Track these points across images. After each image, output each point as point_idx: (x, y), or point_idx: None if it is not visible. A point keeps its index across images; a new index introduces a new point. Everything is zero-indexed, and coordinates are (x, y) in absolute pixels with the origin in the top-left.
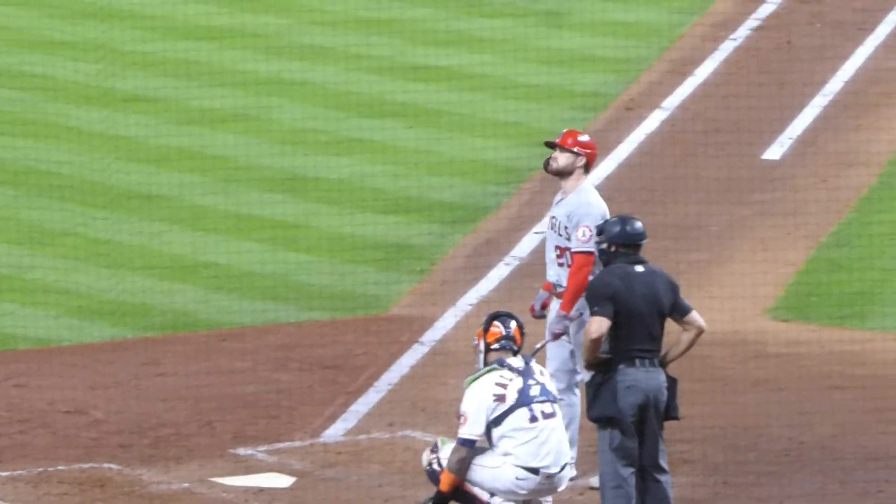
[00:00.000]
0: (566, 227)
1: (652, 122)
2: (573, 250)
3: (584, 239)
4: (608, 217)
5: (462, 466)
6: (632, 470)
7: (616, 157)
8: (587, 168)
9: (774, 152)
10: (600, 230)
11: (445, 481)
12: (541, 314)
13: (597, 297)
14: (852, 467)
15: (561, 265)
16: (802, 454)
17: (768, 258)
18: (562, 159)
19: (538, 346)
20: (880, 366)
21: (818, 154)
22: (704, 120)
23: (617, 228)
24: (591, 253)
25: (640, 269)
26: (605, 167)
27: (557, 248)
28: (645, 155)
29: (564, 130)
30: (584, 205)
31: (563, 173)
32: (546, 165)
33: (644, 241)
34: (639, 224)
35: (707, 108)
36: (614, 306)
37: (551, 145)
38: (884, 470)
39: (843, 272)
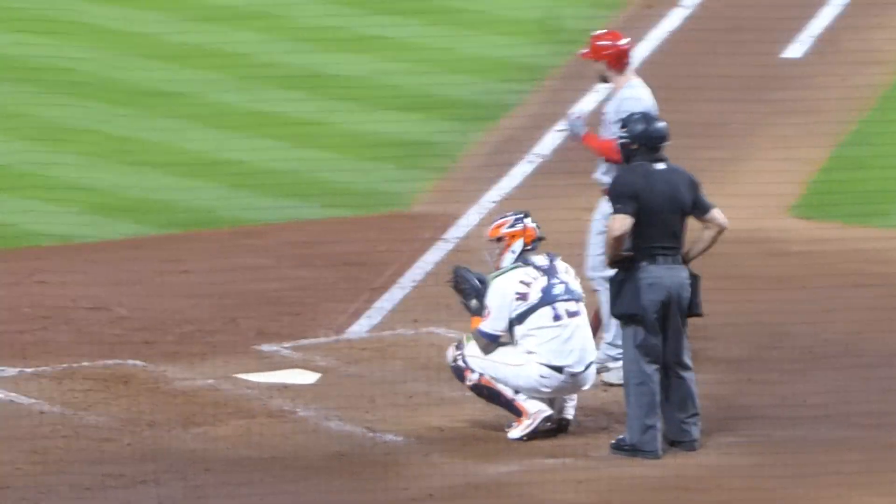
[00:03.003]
0: (612, 123)
1: (672, 20)
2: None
3: None
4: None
5: (485, 353)
6: (655, 367)
7: (637, 55)
8: (620, 63)
9: (795, 51)
10: (623, 124)
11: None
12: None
13: (619, 195)
14: (874, 364)
15: (609, 161)
16: (825, 351)
17: (789, 156)
18: (596, 68)
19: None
20: None
21: (838, 52)
22: (724, 18)
23: (640, 127)
24: None
25: (661, 167)
26: None
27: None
28: (665, 53)
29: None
30: (631, 100)
31: (604, 80)
32: None
33: (666, 143)
34: (662, 124)
35: (727, 7)
36: (636, 204)
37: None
38: None
39: (864, 170)
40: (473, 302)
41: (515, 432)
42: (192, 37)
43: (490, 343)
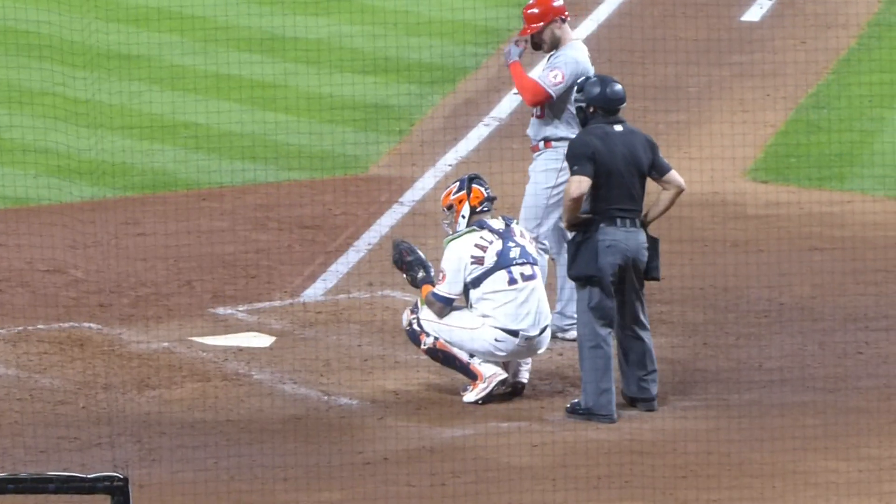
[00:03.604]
0: (545, 69)
1: None
2: (538, 80)
3: (554, 81)
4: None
5: (440, 317)
6: (609, 329)
7: (595, 17)
8: (561, 23)
9: (754, 14)
10: (580, 88)
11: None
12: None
13: (576, 156)
14: (831, 328)
15: (540, 117)
16: (782, 315)
17: (747, 119)
18: (545, 37)
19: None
20: (859, 227)
21: (797, 16)
22: None
23: (597, 90)
24: (549, 96)
25: (618, 128)
26: (585, 28)
27: None
28: (624, 16)
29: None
30: (568, 58)
31: (552, 47)
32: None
33: (623, 105)
34: (619, 87)
35: None
36: (594, 166)
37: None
38: (863, 331)
39: (822, 133)
40: (421, 273)
41: (470, 396)
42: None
43: (444, 307)
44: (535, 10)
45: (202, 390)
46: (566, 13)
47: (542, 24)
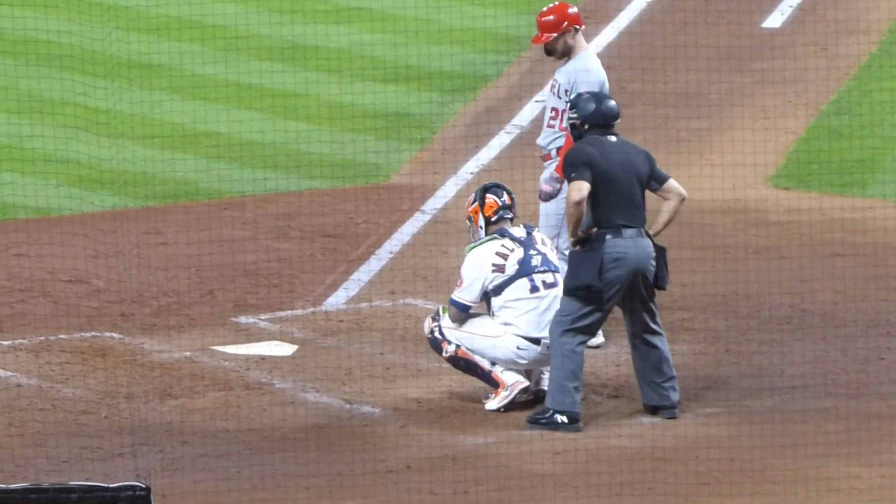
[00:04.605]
0: (566, 91)
1: None
2: None
3: None
4: (606, 87)
5: (456, 323)
6: (587, 339)
7: (616, 25)
8: (575, 32)
9: (775, 20)
10: (573, 105)
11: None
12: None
13: (573, 164)
14: (854, 334)
15: (552, 126)
16: (804, 322)
17: (769, 126)
18: (559, 46)
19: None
20: (881, 233)
21: (818, 22)
22: None
23: (591, 107)
24: None
25: (613, 139)
26: (606, 35)
27: (554, 109)
28: (645, 23)
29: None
30: (582, 72)
31: (564, 54)
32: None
33: (617, 121)
34: (613, 103)
35: None
36: (592, 172)
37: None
38: (885, 337)
39: (843, 140)
40: None
41: (493, 403)
42: (171, 9)
43: (459, 312)
44: (551, 18)
45: (224, 399)
46: (581, 23)
47: (555, 34)
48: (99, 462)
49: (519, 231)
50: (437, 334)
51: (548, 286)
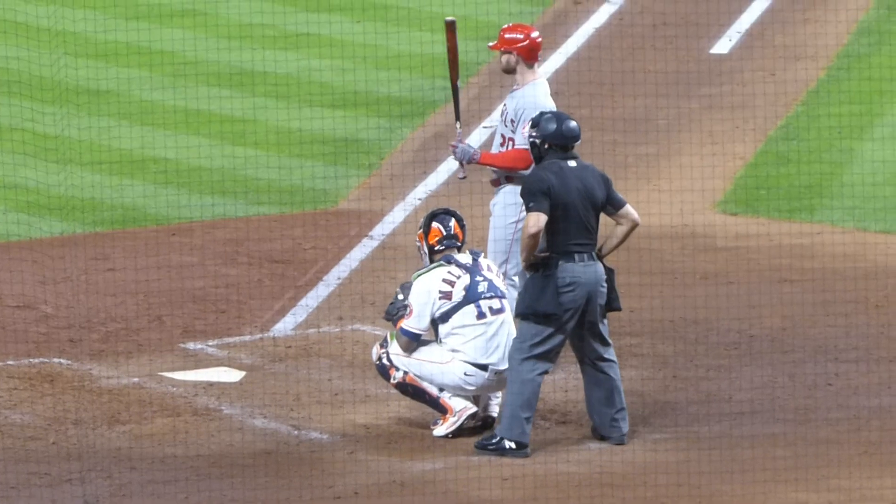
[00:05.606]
0: (513, 120)
1: (600, 16)
2: (517, 145)
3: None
4: None
5: (407, 352)
6: (549, 367)
7: (565, 51)
8: (531, 56)
9: (723, 46)
10: (535, 124)
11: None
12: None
13: (532, 192)
14: (801, 360)
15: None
16: (752, 347)
17: (717, 151)
18: (503, 59)
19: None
20: (829, 258)
21: (766, 48)
22: (653, 14)
23: (552, 126)
24: None
25: (572, 164)
26: (554, 61)
27: (503, 136)
28: (593, 49)
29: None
30: (530, 102)
31: (508, 71)
32: None
33: (578, 142)
34: (573, 123)
35: (655, 2)
36: (550, 201)
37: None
38: (833, 362)
39: (791, 165)
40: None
41: (441, 430)
42: (119, 35)
43: (410, 341)
44: (515, 36)
45: (172, 425)
46: (533, 57)
47: (507, 48)
48: (47, 488)
49: (465, 257)
50: (384, 361)
51: (494, 312)
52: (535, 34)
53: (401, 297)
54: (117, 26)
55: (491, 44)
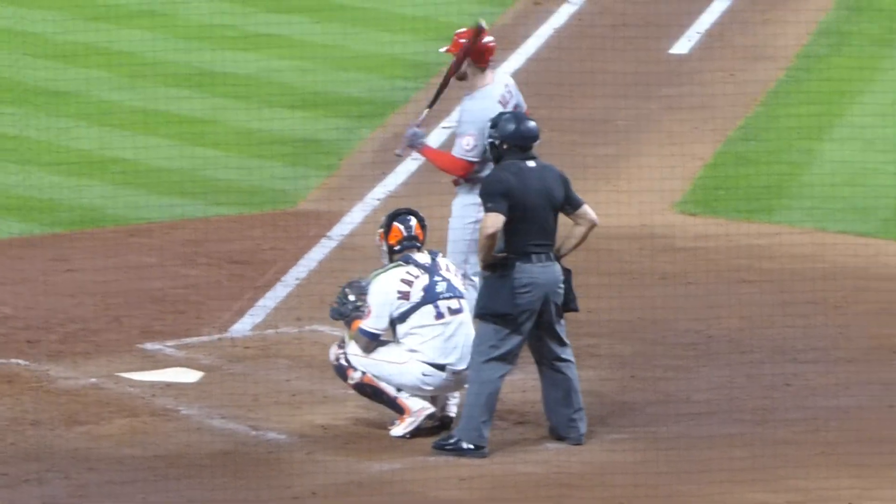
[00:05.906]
0: (461, 123)
1: (560, 16)
2: (453, 153)
3: (467, 148)
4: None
5: (366, 352)
6: (508, 368)
7: (524, 51)
8: (482, 60)
9: (682, 46)
10: (494, 124)
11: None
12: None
13: (490, 193)
14: (760, 361)
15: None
16: (710, 348)
17: (676, 152)
18: (464, 70)
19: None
20: (787, 259)
21: (726, 48)
22: (612, 14)
23: (511, 127)
24: (472, 163)
25: (531, 164)
26: (514, 62)
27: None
28: (553, 49)
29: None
30: (473, 111)
31: (461, 78)
32: None
33: (537, 142)
34: (532, 124)
35: (615, 3)
36: (508, 202)
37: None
38: (791, 363)
39: (750, 166)
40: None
41: (398, 430)
42: (79, 35)
43: (370, 342)
44: (463, 40)
45: (130, 426)
46: (483, 61)
47: (466, 56)
48: (5, 489)
49: (423, 257)
50: (342, 361)
51: (453, 312)
52: (487, 38)
53: (351, 297)
54: (76, 27)
55: (443, 48)
